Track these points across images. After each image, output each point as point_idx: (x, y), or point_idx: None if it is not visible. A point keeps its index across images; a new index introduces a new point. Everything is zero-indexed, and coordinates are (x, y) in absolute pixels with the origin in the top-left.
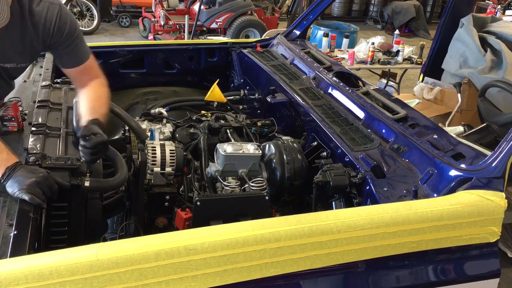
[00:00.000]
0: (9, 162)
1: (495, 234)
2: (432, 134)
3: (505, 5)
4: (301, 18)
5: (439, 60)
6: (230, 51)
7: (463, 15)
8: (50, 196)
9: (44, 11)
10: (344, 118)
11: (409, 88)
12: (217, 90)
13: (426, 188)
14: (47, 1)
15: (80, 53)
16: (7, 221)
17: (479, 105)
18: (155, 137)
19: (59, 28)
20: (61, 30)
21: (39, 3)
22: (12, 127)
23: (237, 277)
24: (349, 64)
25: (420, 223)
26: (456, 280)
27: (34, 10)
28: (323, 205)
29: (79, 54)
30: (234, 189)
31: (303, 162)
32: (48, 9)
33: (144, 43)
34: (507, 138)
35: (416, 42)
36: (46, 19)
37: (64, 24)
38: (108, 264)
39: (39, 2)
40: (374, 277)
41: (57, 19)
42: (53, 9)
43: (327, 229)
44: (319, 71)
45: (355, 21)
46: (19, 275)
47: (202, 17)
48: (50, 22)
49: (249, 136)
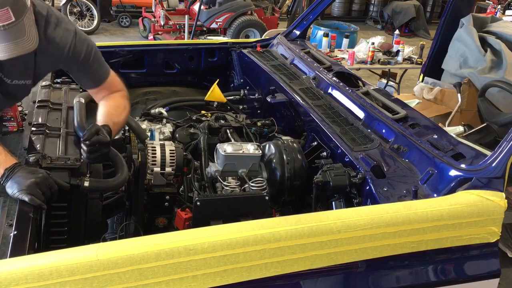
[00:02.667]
0: (7, 164)
1: (495, 234)
2: (432, 134)
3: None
4: (301, 18)
5: (439, 60)
6: (230, 51)
7: (463, 15)
8: (50, 197)
9: (58, 37)
10: (344, 118)
11: (409, 88)
12: (217, 90)
13: (426, 188)
14: (62, 27)
15: (97, 75)
16: (7, 221)
17: (479, 105)
18: (155, 137)
19: (73, 55)
20: (76, 57)
21: (55, 29)
22: (12, 127)
23: (237, 277)
24: (349, 64)
25: (420, 223)
26: (456, 280)
27: (48, 34)
28: (323, 205)
29: (97, 76)
30: (234, 189)
31: (303, 162)
32: (62, 35)
33: (144, 43)
34: (507, 138)
35: (416, 42)
36: (59, 44)
37: (79, 51)
38: (108, 264)
39: (55, 27)
40: (374, 277)
41: (70, 46)
42: (67, 36)
43: (327, 229)
44: (319, 71)
45: (355, 21)
46: (19, 275)
47: (202, 17)
48: (64, 47)
49: (249, 136)
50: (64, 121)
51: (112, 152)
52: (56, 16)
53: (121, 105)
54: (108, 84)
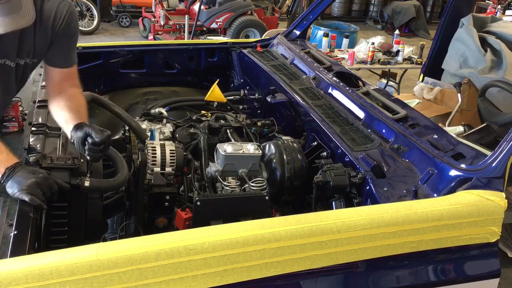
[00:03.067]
0: (8, 163)
1: (495, 234)
2: (432, 134)
3: (505, 5)
4: (301, 18)
5: (439, 60)
6: (230, 51)
7: (463, 15)
8: (50, 197)
9: (54, 6)
10: (344, 118)
11: (409, 88)
12: (217, 90)
13: (426, 188)
14: None
15: (72, 55)
16: (7, 221)
17: (479, 105)
18: (155, 137)
19: (66, 23)
20: (67, 26)
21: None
22: (13, 127)
23: (237, 277)
24: (349, 64)
25: (420, 223)
26: (456, 280)
27: (45, 6)
28: (323, 205)
29: (70, 55)
30: (234, 189)
31: (303, 162)
32: (59, 4)
33: (144, 43)
34: (507, 138)
35: (416, 42)
36: (56, 13)
37: (71, 21)
38: (108, 264)
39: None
40: (374, 277)
41: (66, 15)
42: (64, 5)
43: (327, 229)
44: (319, 71)
45: (355, 21)
46: (19, 275)
47: (202, 17)
48: (60, 16)
49: (249, 136)
50: None
51: (113, 152)
52: None
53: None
54: (73, 74)
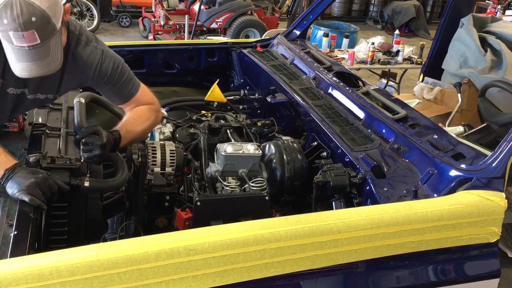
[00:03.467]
0: (7, 164)
1: (495, 234)
2: (432, 134)
3: (505, 5)
4: (301, 18)
5: (439, 60)
6: (230, 51)
7: (463, 15)
8: (49, 197)
9: (85, 55)
10: (344, 118)
11: (409, 88)
12: (217, 90)
13: (426, 188)
14: (91, 45)
15: (125, 91)
16: (7, 221)
17: (479, 105)
18: (155, 137)
19: (99, 73)
20: (102, 75)
21: (84, 47)
22: (13, 127)
23: (237, 277)
24: (349, 64)
25: (420, 223)
26: (456, 280)
27: (77, 52)
28: (323, 205)
29: (124, 92)
30: (234, 189)
31: (303, 162)
32: (90, 53)
33: (144, 43)
34: (507, 138)
35: (416, 42)
36: (86, 62)
37: (105, 69)
38: (108, 264)
39: (85, 45)
40: (374, 277)
41: (97, 65)
42: (95, 54)
43: (327, 229)
44: (319, 71)
45: (355, 21)
46: (19, 275)
47: (202, 17)
48: (90, 66)
49: (249, 136)
50: (64, 121)
51: (112, 152)
52: (86, 35)
53: (143, 116)
54: (136, 99)
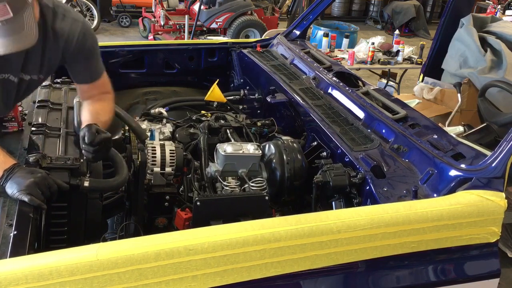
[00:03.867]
0: (6, 165)
1: (495, 234)
2: (432, 134)
3: (505, 5)
4: (301, 18)
5: (439, 60)
6: (230, 51)
7: (463, 15)
8: (49, 197)
9: (67, 27)
10: (344, 118)
11: (409, 88)
12: (217, 90)
13: (426, 188)
14: (70, 17)
15: (95, 70)
16: (7, 221)
17: (479, 105)
18: (155, 137)
19: (80, 45)
20: (82, 47)
21: (63, 19)
22: (12, 127)
23: (237, 277)
24: (349, 64)
25: (420, 223)
26: (456, 280)
27: (57, 26)
28: (323, 205)
29: (94, 71)
30: (234, 189)
31: (303, 162)
32: (71, 25)
33: (144, 43)
34: (507, 138)
35: (416, 42)
36: (68, 35)
37: (85, 41)
38: (108, 264)
39: (63, 18)
40: (374, 277)
41: (79, 36)
42: (76, 26)
43: (327, 229)
44: (319, 71)
45: (355, 21)
46: (19, 275)
47: (202, 17)
48: (72, 38)
49: (249, 136)
50: (64, 121)
51: (112, 152)
52: (63, 7)
53: (107, 108)
54: (101, 83)
